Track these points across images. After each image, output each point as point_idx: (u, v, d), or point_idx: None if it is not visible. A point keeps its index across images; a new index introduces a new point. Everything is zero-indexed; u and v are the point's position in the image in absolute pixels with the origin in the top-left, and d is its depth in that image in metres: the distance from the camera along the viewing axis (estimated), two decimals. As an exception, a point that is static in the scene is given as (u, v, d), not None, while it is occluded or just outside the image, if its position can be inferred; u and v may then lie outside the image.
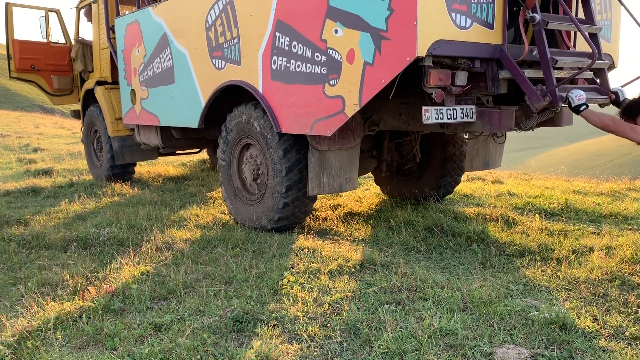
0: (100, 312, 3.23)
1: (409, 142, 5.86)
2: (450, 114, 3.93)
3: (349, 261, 3.99)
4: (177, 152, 7.81)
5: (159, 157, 9.47)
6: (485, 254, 4.23)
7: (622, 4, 4.75)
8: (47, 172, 9.07)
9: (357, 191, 6.98)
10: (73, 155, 11.08)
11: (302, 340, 2.85)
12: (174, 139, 6.68)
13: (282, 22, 4.45)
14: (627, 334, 2.77)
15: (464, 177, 8.58)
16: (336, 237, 4.91)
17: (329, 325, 3.00)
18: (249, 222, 5.12)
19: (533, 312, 3.00)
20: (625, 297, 3.23)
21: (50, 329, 2.97)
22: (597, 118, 3.92)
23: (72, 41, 8.89)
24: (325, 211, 5.83)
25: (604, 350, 2.61)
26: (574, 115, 4.37)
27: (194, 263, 4.10)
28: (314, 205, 6.06)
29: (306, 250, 4.34)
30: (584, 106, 3.93)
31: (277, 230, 4.92)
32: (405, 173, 6.23)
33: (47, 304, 3.30)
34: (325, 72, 4.13)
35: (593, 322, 2.90)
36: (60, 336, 2.91)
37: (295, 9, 4.34)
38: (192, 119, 5.69)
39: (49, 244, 4.66)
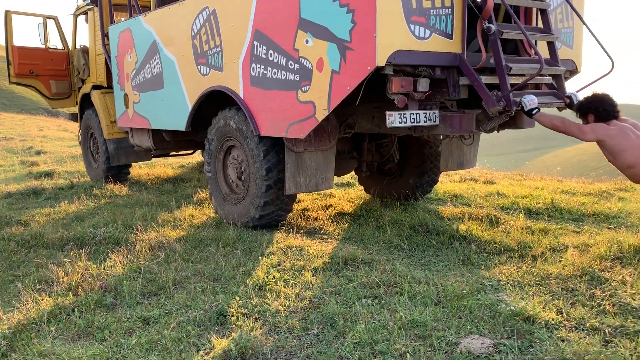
0: (92, 306, 3.41)
1: (388, 143, 6.10)
2: (413, 118, 4.19)
3: (333, 258, 4.16)
4: (171, 153, 8.04)
5: (159, 159, 9.69)
6: (465, 252, 4.39)
7: (577, 13, 4.98)
8: (48, 175, 9.28)
9: (349, 192, 7.15)
10: (75, 157, 11.28)
11: (280, 332, 3.01)
12: (165, 141, 6.96)
13: (260, 32, 4.72)
14: (588, 325, 2.92)
15: (455, 177, 8.76)
16: (324, 236, 5.08)
17: (307, 318, 3.16)
18: (237, 220, 5.34)
19: (502, 305, 3.15)
20: (592, 291, 3.37)
21: (44, 322, 3.14)
22: (547, 120, 4.19)
23: (70, 47, 9.17)
24: (316, 211, 5.99)
25: (562, 340, 2.76)
26: None
27: (185, 261, 4.28)
28: (306, 206, 6.26)
29: (294, 248, 4.51)
30: (536, 110, 4.17)
31: (261, 227, 5.16)
32: (386, 173, 6.49)
33: (42, 300, 3.48)
34: (298, 79, 4.40)
35: (557, 315, 3.05)
36: (53, 329, 3.09)
37: (271, 20, 4.60)
38: (180, 122, 5.97)
39: (47, 244, 4.85)
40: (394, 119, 4.12)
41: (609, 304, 3.17)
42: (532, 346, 2.71)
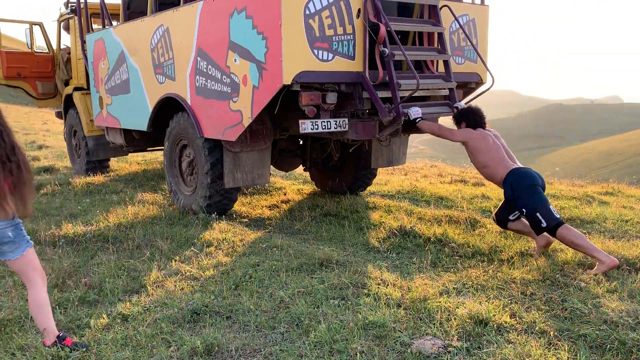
0: (76, 303, 3.61)
1: (327, 143, 6.85)
2: (324, 125, 4.97)
3: (310, 259, 4.33)
4: (148, 149, 8.58)
5: (156, 155, 9.91)
6: (438, 255, 4.56)
7: (467, 36, 5.71)
8: (48, 170, 9.53)
9: (338, 194, 7.32)
10: (75, 153, 11.50)
11: (249, 330, 3.20)
12: (135, 139, 7.62)
13: (202, 50, 5.53)
14: (537, 328, 3.09)
15: (447, 178, 8.91)
16: (306, 237, 5.26)
17: (276, 317, 3.34)
18: (190, 209, 6.06)
19: (460, 308, 3.33)
20: (550, 296, 3.54)
21: (28, 318, 3.34)
22: (427, 126, 5.02)
23: (54, 50, 9.88)
24: (302, 212, 6.17)
25: (510, 342, 2.93)
26: None
27: (168, 260, 4.47)
28: (293, 206, 6.44)
29: (275, 249, 4.70)
30: (419, 119, 4.97)
31: (208, 213, 5.84)
32: (331, 169, 7.29)
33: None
34: (229, 91, 5.20)
35: (511, 318, 3.22)
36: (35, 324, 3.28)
37: (209, 40, 5.40)
38: (143, 123, 6.77)
39: (39, 240, 5.05)
40: (306, 126, 4.89)
41: (560, 309, 3.33)
42: (480, 347, 2.89)
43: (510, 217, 4.62)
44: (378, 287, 3.72)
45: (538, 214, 4.21)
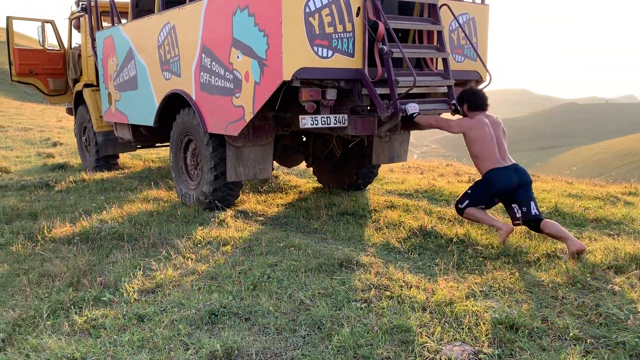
0: (91, 302, 3.52)
1: (329, 140, 6.90)
2: (324, 121, 5.03)
3: (329, 259, 4.21)
4: (155, 144, 8.67)
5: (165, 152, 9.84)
6: (462, 256, 4.42)
7: (466, 35, 5.79)
8: (62, 167, 9.50)
9: (354, 192, 7.19)
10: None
11: (269, 333, 3.09)
12: (142, 135, 7.68)
13: (206, 47, 5.61)
14: (571, 334, 2.94)
15: (464, 177, 8.75)
16: (324, 236, 5.14)
17: (296, 320, 3.23)
18: (194, 202, 6.17)
19: (489, 312, 3.19)
20: (581, 300, 3.39)
21: (42, 317, 3.26)
22: (424, 120, 5.12)
23: (66, 48, 10.00)
24: (318, 210, 6.05)
25: (543, 349, 2.80)
26: None
27: (184, 259, 4.37)
28: (309, 205, 6.33)
29: (292, 248, 4.58)
30: (416, 114, 5.07)
31: (211, 205, 5.97)
32: (334, 165, 7.32)
33: (43, 294, 3.59)
34: (232, 87, 5.27)
35: (542, 323, 3.08)
36: (50, 324, 3.20)
37: (213, 38, 5.49)
38: (149, 119, 6.84)
39: (54, 238, 4.98)
40: (306, 122, 4.94)
41: (595, 314, 3.18)
42: (512, 355, 2.75)
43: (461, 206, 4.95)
44: (401, 290, 3.59)
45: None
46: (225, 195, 6.01)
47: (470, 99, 5.00)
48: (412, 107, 5.07)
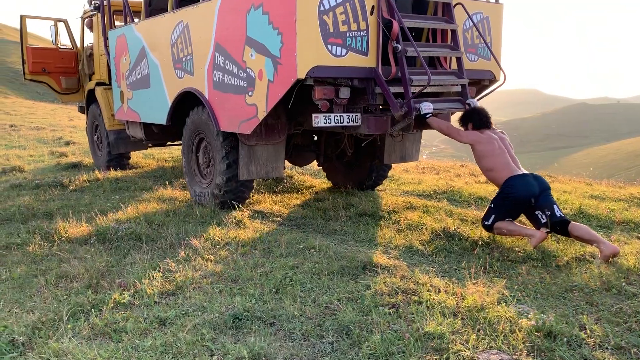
0: (110, 305, 3.43)
1: (341, 139, 6.84)
2: (337, 119, 5.02)
3: (352, 262, 4.10)
4: (167, 143, 8.68)
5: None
6: (488, 259, 4.29)
7: (480, 34, 5.75)
8: (76, 166, 9.47)
9: (371, 192, 7.08)
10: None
11: (295, 339, 2.98)
12: (154, 133, 7.68)
13: (219, 45, 5.59)
14: (612, 343, 2.82)
15: (482, 178, 8.60)
16: (344, 238, 5.03)
17: (323, 325, 3.12)
18: (206, 201, 6.15)
19: (523, 319, 3.07)
20: (620, 306, 3.26)
21: (62, 320, 3.17)
22: (436, 124, 5.10)
23: (78, 47, 10.05)
24: (337, 211, 5.94)
25: (586, 359, 2.67)
26: None
27: (204, 260, 4.28)
28: (327, 206, 6.23)
29: (313, 250, 4.48)
30: (429, 114, 5.05)
31: (222, 207, 5.97)
32: (345, 165, 7.28)
33: (62, 296, 3.51)
34: (245, 85, 5.25)
35: (580, 331, 2.95)
36: (71, 327, 3.11)
37: (227, 36, 5.47)
38: (162, 117, 6.81)
39: (70, 238, 4.91)
40: (319, 120, 4.94)
41: (636, 322, 3.05)
42: (553, 364, 2.63)
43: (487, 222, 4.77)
44: (429, 294, 3.48)
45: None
46: (236, 193, 5.98)
47: (474, 118, 5.07)
48: (426, 107, 5.03)
